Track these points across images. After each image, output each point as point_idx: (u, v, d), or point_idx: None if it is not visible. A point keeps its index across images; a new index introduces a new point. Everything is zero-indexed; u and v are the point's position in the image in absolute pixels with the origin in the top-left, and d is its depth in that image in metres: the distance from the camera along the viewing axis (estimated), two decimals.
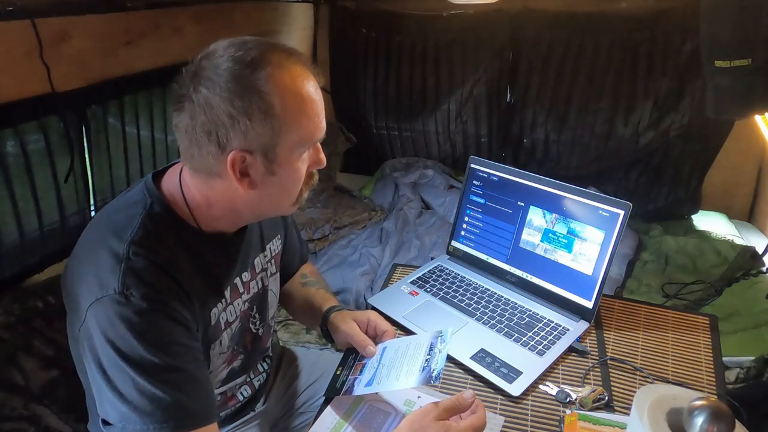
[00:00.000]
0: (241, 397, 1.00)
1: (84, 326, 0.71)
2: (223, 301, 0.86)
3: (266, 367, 1.07)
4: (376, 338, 0.97)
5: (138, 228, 0.74)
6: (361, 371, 0.91)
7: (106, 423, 0.71)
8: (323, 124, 0.78)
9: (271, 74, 0.71)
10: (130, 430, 0.69)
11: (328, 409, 0.88)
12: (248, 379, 1.01)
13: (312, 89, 0.75)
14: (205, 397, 0.75)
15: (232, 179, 0.74)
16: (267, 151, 0.73)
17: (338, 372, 0.94)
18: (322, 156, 0.82)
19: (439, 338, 0.87)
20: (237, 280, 0.90)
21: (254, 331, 0.97)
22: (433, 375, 0.79)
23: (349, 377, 0.91)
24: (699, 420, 0.61)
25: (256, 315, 0.97)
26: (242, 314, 0.92)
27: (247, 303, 0.93)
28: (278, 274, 1.04)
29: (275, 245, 1.02)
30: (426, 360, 0.83)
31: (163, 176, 0.83)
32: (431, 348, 0.86)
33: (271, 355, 1.10)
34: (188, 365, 0.73)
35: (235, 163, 0.72)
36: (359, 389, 0.87)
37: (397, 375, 0.84)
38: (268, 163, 0.74)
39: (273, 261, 1.01)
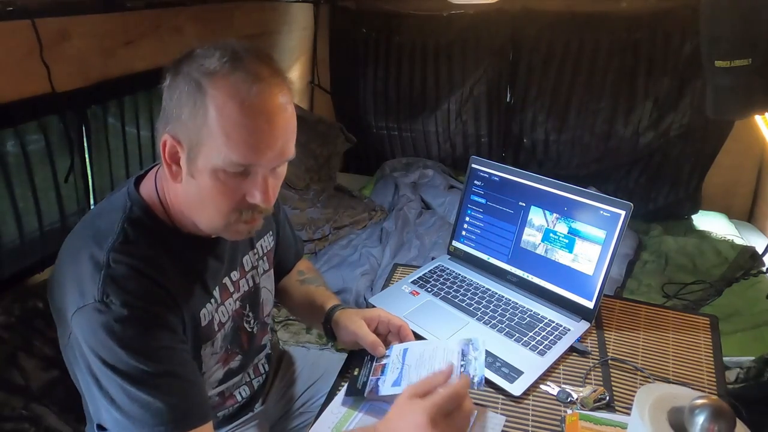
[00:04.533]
0: (239, 398, 0.99)
1: (72, 335, 0.71)
2: (213, 301, 0.85)
3: (267, 368, 1.07)
4: (389, 335, 0.96)
5: (118, 234, 0.74)
6: (382, 372, 0.90)
7: (102, 429, 0.72)
8: (267, 155, 0.69)
9: (220, 74, 0.67)
10: None
11: (328, 409, 0.87)
12: (248, 380, 1.01)
13: (263, 114, 0.67)
14: (196, 397, 0.75)
15: (163, 163, 0.73)
16: (190, 149, 0.70)
17: (356, 373, 0.93)
18: (259, 193, 0.71)
19: (471, 345, 0.88)
20: (226, 280, 0.89)
21: (249, 329, 0.97)
22: (475, 381, 0.80)
23: (371, 378, 0.90)
24: (700, 418, 0.61)
25: (250, 313, 0.96)
26: (234, 314, 0.91)
27: (238, 302, 0.93)
28: (272, 271, 1.04)
29: (267, 242, 1.01)
30: (462, 365, 0.84)
31: (143, 179, 0.82)
32: (463, 355, 0.86)
33: (270, 353, 1.09)
34: (176, 368, 0.73)
35: (165, 145, 0.72)
36: (385, 389, 0.86)
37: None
38: (190, 162, 0.71)
39: (265, 258, 1.00)
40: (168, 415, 0.70)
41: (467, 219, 1.25)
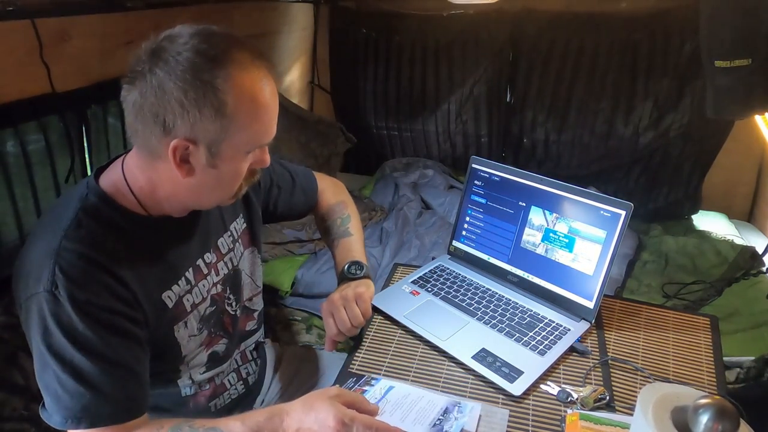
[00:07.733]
0: (228, 385, 1.00)
1: (24, 319, 0.75)
2: (182, 282, 0.86)
3: (255, 355, 1.07)
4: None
5: (71, 221, 0.76)
6: None
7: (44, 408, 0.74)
8: (273, 129, 0.80)
9: (231, 74, 0.71)
10: (54, 420, 0.72)
11: None
12: (235, 366, 1.01)
13: (268, 95, 0.76)
14: (128, 392, 0.75)
15: (172, 164, 0.75)
16: (211, 146, 0.74)
17: None
18: (267, 157, 0.84)
19: (457, 407, 0.86)
20: (200, 262, 0.90)
21: (232, 312, 0.98)
22: None
23: None
24: (704, 418, 0.61)
25: (231, 296, 0.98)
26: (216, 296, 0.93)
27: (219, 285, 0.94)
28: (250, 252, 1.04)
29: (239, 224, 1.02)
30: (439, 420, 0.82)
31: (105, 170, 0.84)
32: (446, 411, 0.84)
33: (263, 341, 1.09)
34: (119, 358, 0.74)
35: (176, 150, 0.73)
36: None
37: (402, 417, 0.82)
38: (211, 156, 0.75)
39: (240, 241, 1.01)
40: (94, 409, 0.71)
41: (467, 219, 1.25)
